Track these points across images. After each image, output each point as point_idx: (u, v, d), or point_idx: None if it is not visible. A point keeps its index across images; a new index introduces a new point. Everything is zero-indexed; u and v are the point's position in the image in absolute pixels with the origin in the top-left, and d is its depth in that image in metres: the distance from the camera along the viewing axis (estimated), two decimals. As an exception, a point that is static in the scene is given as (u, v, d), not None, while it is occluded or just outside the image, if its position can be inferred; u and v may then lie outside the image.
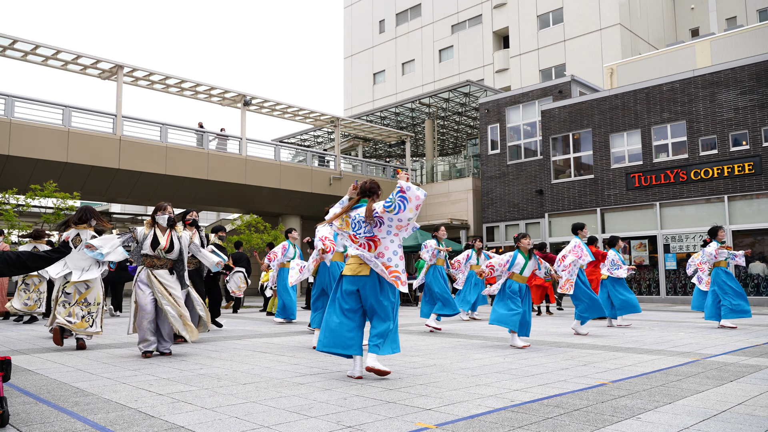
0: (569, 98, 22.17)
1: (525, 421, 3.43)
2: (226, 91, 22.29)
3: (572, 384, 4.59)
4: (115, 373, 5.13)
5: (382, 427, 3.28)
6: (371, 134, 29.67)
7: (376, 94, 42.63)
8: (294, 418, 3.48)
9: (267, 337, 8.38)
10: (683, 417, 3.52)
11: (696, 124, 18.91)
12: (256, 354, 6.46)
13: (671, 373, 5.08)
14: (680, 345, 7.20)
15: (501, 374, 5.06)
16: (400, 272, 4.79)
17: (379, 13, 43.37)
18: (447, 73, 38.79)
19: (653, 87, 19.90)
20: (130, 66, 19.71)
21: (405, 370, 5.32)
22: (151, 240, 6.35)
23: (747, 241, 17.43)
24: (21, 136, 16.89)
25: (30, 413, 3.61)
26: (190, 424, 3.34)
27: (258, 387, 4.48)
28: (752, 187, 17.72)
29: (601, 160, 20.84)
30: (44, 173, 17.26)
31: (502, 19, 36.79)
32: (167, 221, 6.52)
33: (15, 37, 17.42)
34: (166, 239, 6.44)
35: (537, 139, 23.27)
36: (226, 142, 22.10)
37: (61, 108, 18.03)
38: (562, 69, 33.59)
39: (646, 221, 19.73)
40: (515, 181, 23.74)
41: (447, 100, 28.53)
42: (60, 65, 19.32)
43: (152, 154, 19.58)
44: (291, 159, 26.97)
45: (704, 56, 24.02)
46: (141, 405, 3.84)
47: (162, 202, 6.66)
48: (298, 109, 24.86)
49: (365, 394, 4.19)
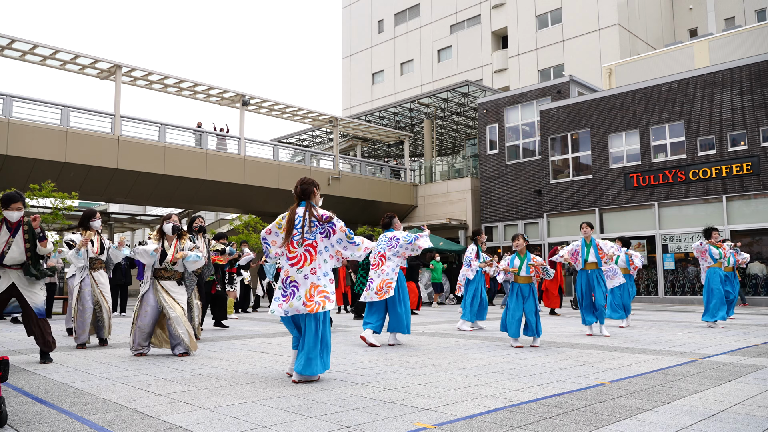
0: (568, 98, 22.18)
1: (523, 421, 3.43)
2: (224, 90, 22.27)
3: (571, 384, 4.59)
4: (114, 373, 5.13)
5: (380, 427, 3.28)
6: (370, 134, 29.66)
7: (374, 94, 42.62)
8: (292, 418, 3.48)
9: (265, 338, 8.38)
10: (681, 417, 3.53)
11: (694, 125, 18.93)
12: (255, 354, 6.46)
13: (669, 373, 5.09)
14: (678, 345, 7.21)
15: (499, 374, 5.06)
16: (329, 292, 4.80)
17: (378, 13, 43.37)
18: (446, 73, 38.80)
19: (652, 87, 19.92)
20: (128, 66, 19.68)
21: (404, 370, 5.32)
22: (160, 254, 6.41)
23: (745, 241, 17.44)
24: (19, 136, 16.86)
25: (28, 413, 3.61)
26: (189, 424, 3.33)
27: (256, 387, 4.47)
28: (750, 187, 17.74)
29: (599, 160, 20.86)
30: (42, 173, 17.23)
31: (500, 19, 36.81)
32: (172, 230, 6.54)
33: (13, 36, 17.40)
34: (173, 252, 6.46)
35: (535, 139, 23.28)
36: (225, 142, 22.09)
37: (60, 108, 18.00)
38: (560, 69, 33.62)
39: (645, 221, 19.74)
40: (514, 181, 23.75)
41: (446, 100, 28.53)
42: (58, 65, 19.29)
43: (151, 154, 19.55)
44: (289, 159, 26.95)
45: (702, 56, 24.05)
46: (139, 405, 3.84)
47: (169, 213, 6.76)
48: (297, 109, 24.85)
49: (364, 394, 4.19)
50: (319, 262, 4.84)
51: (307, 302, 4.71)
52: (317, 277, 4.80)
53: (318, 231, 4.86)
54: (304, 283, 4.76)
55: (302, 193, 5.02)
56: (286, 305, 4.74)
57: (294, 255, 4.83)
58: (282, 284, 4.83)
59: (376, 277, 7.51)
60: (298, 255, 4.83)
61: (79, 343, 6.98)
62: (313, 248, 4.84)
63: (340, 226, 4.92)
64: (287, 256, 4.86)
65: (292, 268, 4.81)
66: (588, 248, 8.75)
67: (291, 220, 4.87)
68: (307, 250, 4.82)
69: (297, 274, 4.79)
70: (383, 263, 7.58)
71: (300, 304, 4.71)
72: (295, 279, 4.78)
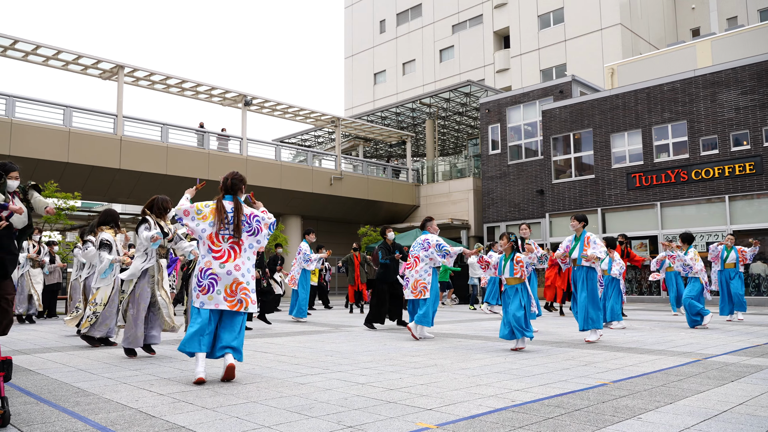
0: (570, 98, 22.16)
1: (526, 421, 3.43)
2: (226, 91, 22.30)
3: (573, 384, 4.58)
4: (116, 373, 5.14)
5: (382, 427, 3.28)
6: (372, 134, 29.67)
7: (376, 94, 42.63)
8: (295, 418, 3.48)
9: (268, 337, 8.38)
10: (684, 417, 3.52)
11: (697, 124, 18.90)
12: (257, 354, 6.46)
13: (672, 373, 5.08)
14: (681, 345, 7.20)
15: (502, 374, 5.06)
16: (250, 290, 4.86)
17: (380, 13, 43.37)
18: (448, 73, 38.78)
19: (654, 87, 19.89)
20: (130, 66, 19.72)
21: (406, 370, 5.32)
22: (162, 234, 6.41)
23: (748, 242, 17.41)
24: (22, 137, 16.90)
25: (31, 413, 3.61)
26: (191, 424, 3.34)
27: (259, 387, 4.48)
28: (753, 187, 17.70)
29: (601, 160, 20.83)
30: (45, 173, 17.26)
31: (502, 19, 36.78)
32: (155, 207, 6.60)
33: (16, 37, 17.45)
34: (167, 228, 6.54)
35: (538, 139, 23.27)
36: (227, 142, 22.12)
37: (62, 108, 18.04)
38: (562, 69, 33.58)
39: (647, 221, 19.72)
40: (516, 181, 23.74)
41: (448, 100, 28.53)
42: (61, 65, 19.33)
43: (153, 155, 19.59)
44: (292, 159, 26.98)
45: (705, 56, 24.00)
46: (142, 405, 3.84)
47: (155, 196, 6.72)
48: (299, 109, 24.87)
49: (366, 394, 4.19)
50: (243, 259, 4.88)
51: (228, 298, 4.75)
52: (241, 274, 4.82)
53: (245, 229, 4.91)
54: (225, 278, 4.77)
55: (231, 187, 5.05)
56: (204, 297, 4.75)
57: (219, 249, 4.83)
58: (200, 274, 4.80)
59: (411, 277, 8.31)
60: (222, 250, 4.84)
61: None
62: (239, 246, 4.88)
63: (265, 222, 5.01)
64: (211, 248, 4.83)
65: (215, 261, 4.80)
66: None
67: (220, 213, 4.86)
68: (232, 247, 4.86)
69: (219, 268, 4.78)
70: (417, 264, 8.29)
71: (221, 299, 4.74)
72: (216, 273, 4.77)
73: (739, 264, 10.70)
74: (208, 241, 4.84)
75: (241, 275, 4.81)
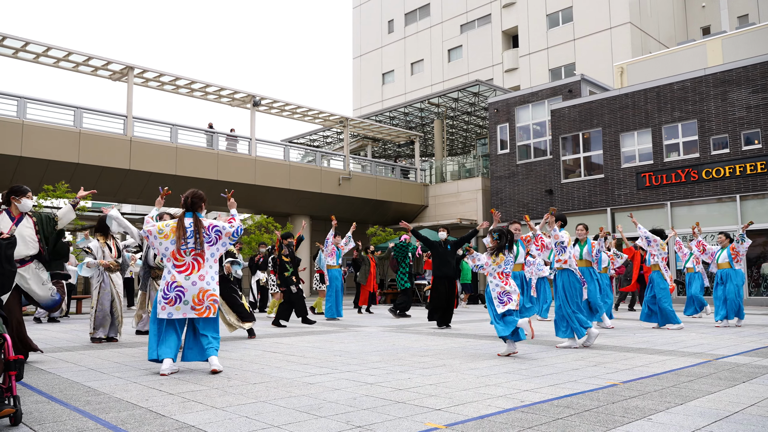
0: (579, 97, 22.06)
1: (535, 421, 3.42)
2: (235, 91, 22.38)
3: (583, 384, 4.57)
4: (127, 372, 5.17)
5: (391, 427, 3.28)
6: (380, 134, 29.67)
7: (385, 94, 42.63)
8: (304, 418, 3.49)
9: (277, 337, 8.40)
10: (695, 418, 3.50)
11: (707, 123, 18.76)
12: (266, 354, 6.48)
13: (683, 374, 5.05)
14: (692, 346, 7.15)
15: (511, 374, 5.05)
16: (217, 296, 5.23)
17: (388, 13, 43.37)
18: (456, 72, 38.72)
19: (664, 86, 19.76)
20: (140, 67, 19.83)
21: (414, 370, 5.32)
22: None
23: (759, 241, 17.26)
24: (33, 138, 17.05)
25: (42, 412, 3.65)
26: (201, 424, 3.35)
27: (268, 387, 4.49)
28: (764, 187, 17.55)
29: (611, 160, 20.72)
30: (56, 174, 17.40)
31: (511, 19, 36.68)
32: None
33: (27, 39, 17.60)
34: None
35: (547, 138, 23.18)
36: (236, 142, 22.19)
37: (73, 109, 18.18)
38: (571, 68, 33.44)
39: (657, 221, 19.57)
40: (525, 180, 23.66)
41: (456, 100, 28.48)
42: (71, 67, 19.47)
43: (162, 155, 19.69)
44: (300, 159, 27.03)
45: (715, 54, 23.82)
46: (152, 404, 3.87)
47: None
48: (307, 109, 24.92)
49: (375, 394, 4.20)
50: (206, 268, 5.21)
51: (196, 306, 5.12)
52: (206, 283, 5.18)
53: (206, 240, 5.22)
54: (191, 288, 5.11)
55: (191, 205, 5.35)
56: (171, 308, 5.06)
57: (182, 263, 5.16)
58: (166, 287, 5.10)
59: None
60: (186, 263, 5.17)
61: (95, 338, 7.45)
62: (201, 257, 5.20)
63: (226, 231, 5.27)
64: (174, 263, 5.16)
65: (179, 274, 5.12)
66: (582, 248, 9.09)
67: (180, 231, 5.17)
68: (195, 259, 5.19)
69: (184, 280, 5.11)
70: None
71: (188, 308, 5.11)
72: (182, 285, 5.10)
73: (734, 263, 10.14)
74: (172, 258, 5.16)
75: (206, 284, 5.17)
